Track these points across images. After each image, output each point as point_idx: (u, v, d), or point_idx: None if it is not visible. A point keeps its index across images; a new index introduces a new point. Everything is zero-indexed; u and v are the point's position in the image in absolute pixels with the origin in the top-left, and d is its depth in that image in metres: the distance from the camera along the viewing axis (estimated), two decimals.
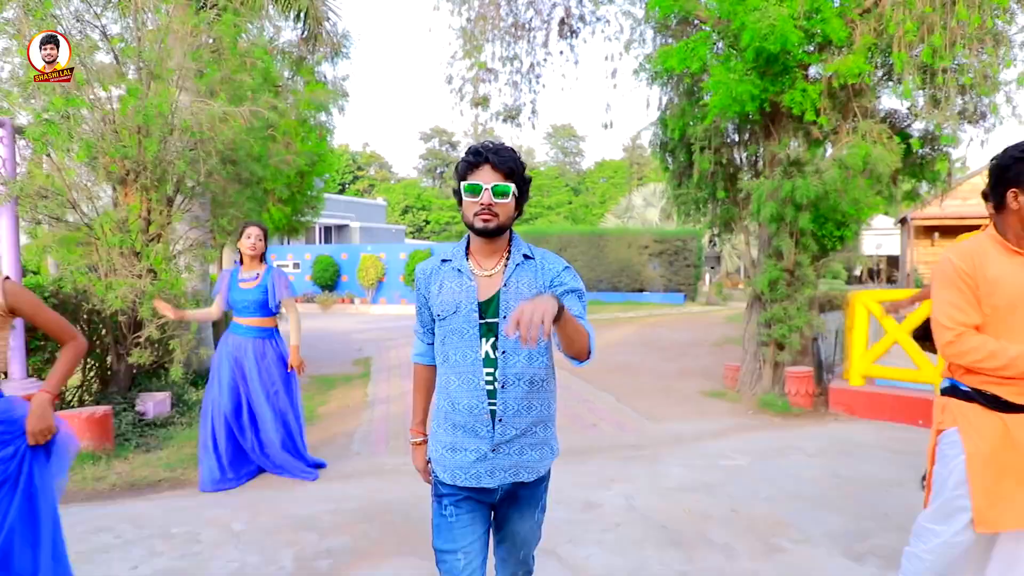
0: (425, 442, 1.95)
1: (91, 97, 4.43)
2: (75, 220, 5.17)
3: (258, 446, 4.26)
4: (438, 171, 62.28)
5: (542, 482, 1.89)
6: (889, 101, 8.92)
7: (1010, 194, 2.00)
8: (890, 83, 6.55)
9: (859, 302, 6.04)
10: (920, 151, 6.83)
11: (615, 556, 3.07)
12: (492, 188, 1.69)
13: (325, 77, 9.79)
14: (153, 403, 5.60)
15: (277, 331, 4.36)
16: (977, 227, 3.11)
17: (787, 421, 5.86)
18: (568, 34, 9.67)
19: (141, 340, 5.44)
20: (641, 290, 22.04)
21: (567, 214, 50.64)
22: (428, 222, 52.74)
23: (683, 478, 4.24)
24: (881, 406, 5.80)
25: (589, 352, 1.63)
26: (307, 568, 2.99)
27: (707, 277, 24.39)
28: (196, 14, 5.30)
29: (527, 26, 9.47)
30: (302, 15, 9.05)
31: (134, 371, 5.74)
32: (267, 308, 4.17)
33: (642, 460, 4.70)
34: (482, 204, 1.70)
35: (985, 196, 2.23)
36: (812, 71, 6.04)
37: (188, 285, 5.53)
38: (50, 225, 5.03)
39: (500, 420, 1.74)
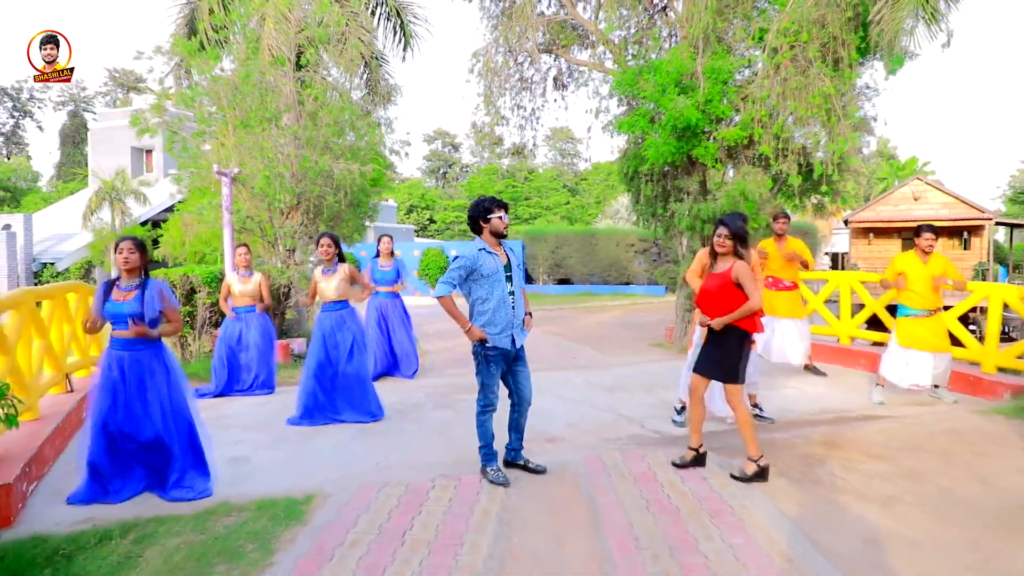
0: (472, 326, 3.91)
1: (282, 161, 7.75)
2: (255, 231, 8.49)
3: (391, 356, 7.62)
4: (441, 172, 64.97)
5: (523, 348, 4.19)
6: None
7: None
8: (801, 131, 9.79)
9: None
10: (818, 175, 10.03)
11: (577, 393, 6.42)
12: (508, 220, 4.12)
13: (379, 119, 13.08)
14: (297, 344, 8.93)
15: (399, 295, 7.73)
16: (904, 228, 6.03)
17: None
18: (560, 87, 13.03)
19: (291, 304, 8.79)
20: (628, 283, 25.24)
21: (564, 214, 53.63)
22: (433, 221, 55.50)
23: (620, 374, 7.60)
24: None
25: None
26: (434, 397, 6.34)
27: None
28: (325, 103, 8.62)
29: (530, 80, 12.81)
30: (366, 76, 12.37)
31: (284, 323, 9.08)
32: (397, 281, 7.52)
33: (599, 370, 8.05)
34: (506, 224, 4.00)
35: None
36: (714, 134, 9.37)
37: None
38: (248, 233, 8.34)
39: (515, 316, 3.99)
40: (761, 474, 4.03)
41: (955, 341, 6.70)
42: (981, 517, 3.59)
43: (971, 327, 15.54)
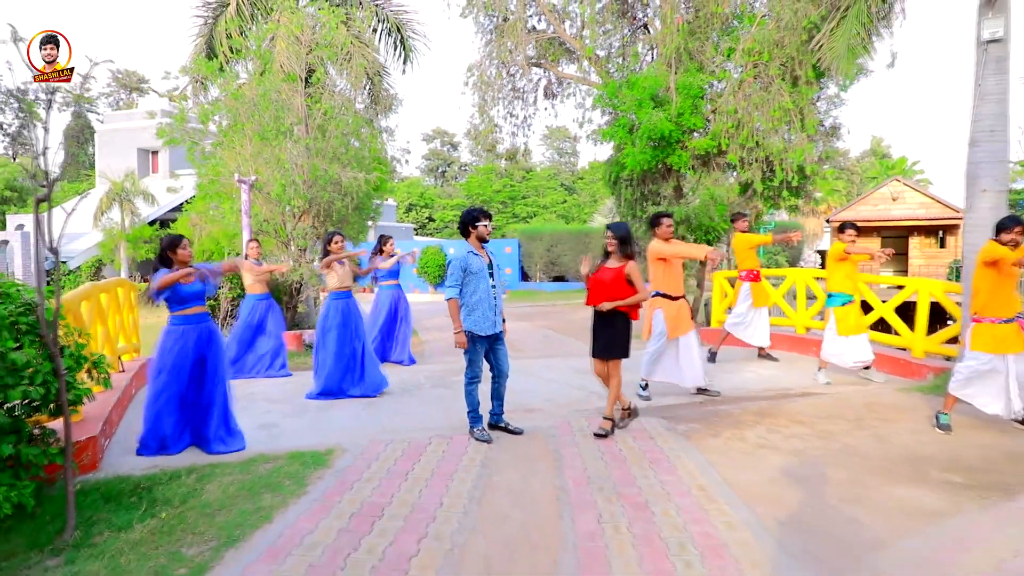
0: (462, 331, 4.91)
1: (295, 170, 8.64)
2: (270, 232, 9.39)
3: (387, 342, 8.52)
4: (440, 171, 65.69)
5: (502, 333, 5.18)
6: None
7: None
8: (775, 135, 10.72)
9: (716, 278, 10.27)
10: (779, 181, 10.99)
11: (557, 375, 7.34)
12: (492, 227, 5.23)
13: (380, 126, 13.98)
14: (308, 334, 9.84)
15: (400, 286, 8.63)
16: (883, 227, 6.98)
17: None
18: (550, 96, 13.93)
19: (303, 298, 9.70)
20: None
21: (561, 212, 54.39)
22: (432, 219, 56.20)
23: None
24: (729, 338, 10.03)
25: None
26: (433, 378, 7.25)
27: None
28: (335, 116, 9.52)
29: (521, 90, 13.71)
30: (368, 88, 13.26)
31: (295, 316, 9.99)
32: (398, 276, 8.41)
33: (581, 357, 8.94)
34: (490, 231, 5.08)
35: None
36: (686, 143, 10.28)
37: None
38: (264, 235, 9.25)
39: (496, 307, 4.98)
40: (611, 432, 5.11)
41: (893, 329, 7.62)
42: (869, 464, 4.50)
43: (950, 321, 16.41)
